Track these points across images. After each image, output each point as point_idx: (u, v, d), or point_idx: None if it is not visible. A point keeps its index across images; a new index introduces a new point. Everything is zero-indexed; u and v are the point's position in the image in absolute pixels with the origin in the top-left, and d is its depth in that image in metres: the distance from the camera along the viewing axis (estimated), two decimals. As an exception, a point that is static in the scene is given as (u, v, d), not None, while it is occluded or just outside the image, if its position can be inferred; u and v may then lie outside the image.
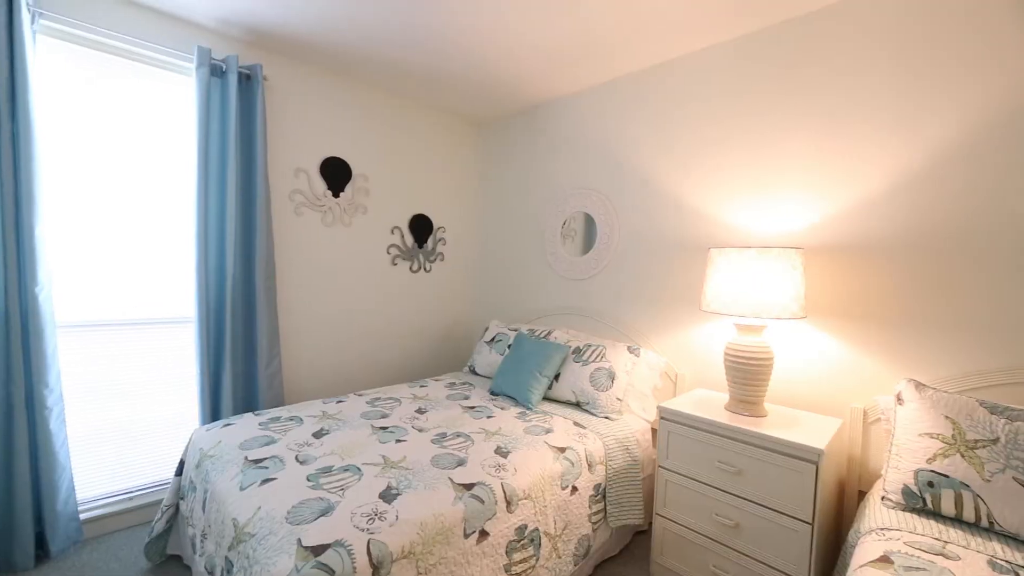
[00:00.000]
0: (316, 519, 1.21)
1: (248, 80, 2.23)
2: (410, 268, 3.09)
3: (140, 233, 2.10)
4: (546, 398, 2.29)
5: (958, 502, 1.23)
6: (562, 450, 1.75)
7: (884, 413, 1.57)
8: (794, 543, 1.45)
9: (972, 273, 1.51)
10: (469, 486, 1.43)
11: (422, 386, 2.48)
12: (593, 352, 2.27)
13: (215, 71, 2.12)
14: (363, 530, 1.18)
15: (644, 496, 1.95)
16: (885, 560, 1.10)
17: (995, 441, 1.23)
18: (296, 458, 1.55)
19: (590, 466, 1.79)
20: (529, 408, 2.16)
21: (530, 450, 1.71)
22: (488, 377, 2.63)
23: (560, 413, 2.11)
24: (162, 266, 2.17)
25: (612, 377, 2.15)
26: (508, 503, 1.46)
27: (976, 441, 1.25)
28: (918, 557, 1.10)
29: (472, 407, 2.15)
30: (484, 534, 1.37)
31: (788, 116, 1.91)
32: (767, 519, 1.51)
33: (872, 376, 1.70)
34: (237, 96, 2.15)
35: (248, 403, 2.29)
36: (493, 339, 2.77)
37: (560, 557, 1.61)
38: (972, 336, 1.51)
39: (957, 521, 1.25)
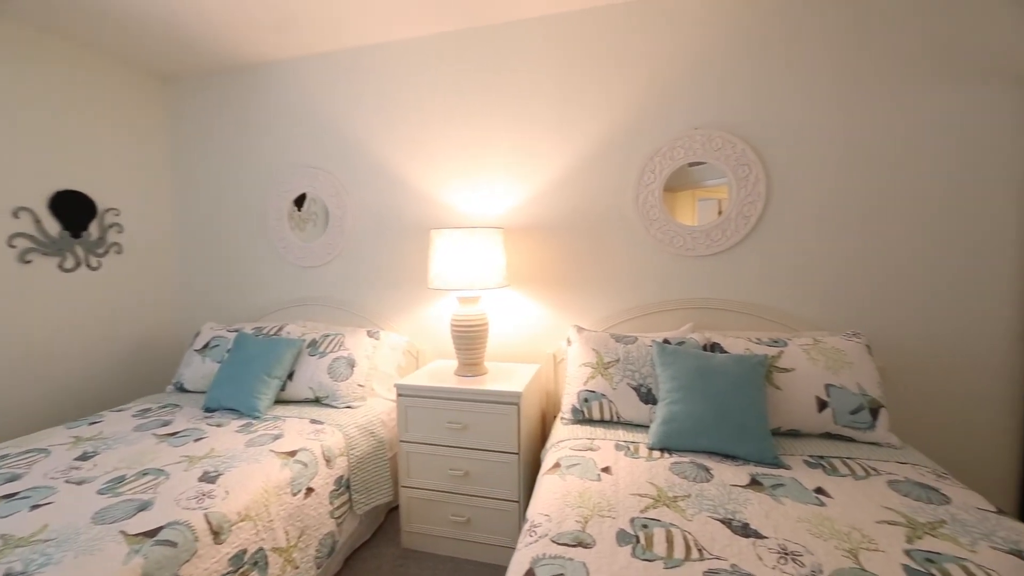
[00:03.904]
0: None
1: None
2: (60, 266, 2.22)
3: None
4: (280, 401, 2.06)
5: (601, 408, 1.71)
6: (292, 454, 1.61)
7: (564, 353, 2.04)
8: (508, 472, 1.75)
9: (606, 244, 2.09)
10: (153, 532, 1.15)
11: (92, 423, 1.85)
12: (330, 342, 2.14)
13: None
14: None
15: (392, 474, 2.00)
16: (557, 465, 1.43)
17: (618, 361, 1.75)
18: None
19: (328, 461, 1.71)
20: (256, 417, 1.90)
21: (250, 465, 1.50)
22: (202, 392, 2.17)
23: (295, 414, 1.93)
24: None
25: (352, 364, 2.08)
26: (216, 534, 1.24)
27: (609, 362, 1.75)
28: (576, 456, 1.47)
29: (173, 433, 1.74)
30: (180, 582, 1.13)
31: (489, 112, 2.19)
32: (487, 460, 1.76)
33: (558, 326, 2.17)
34: None
35: None
36: (207, 345, 2.29)
37: (297, 567, 1.49)
38: (609, 289, 2.10)
39: (602, 422, 1.73)
